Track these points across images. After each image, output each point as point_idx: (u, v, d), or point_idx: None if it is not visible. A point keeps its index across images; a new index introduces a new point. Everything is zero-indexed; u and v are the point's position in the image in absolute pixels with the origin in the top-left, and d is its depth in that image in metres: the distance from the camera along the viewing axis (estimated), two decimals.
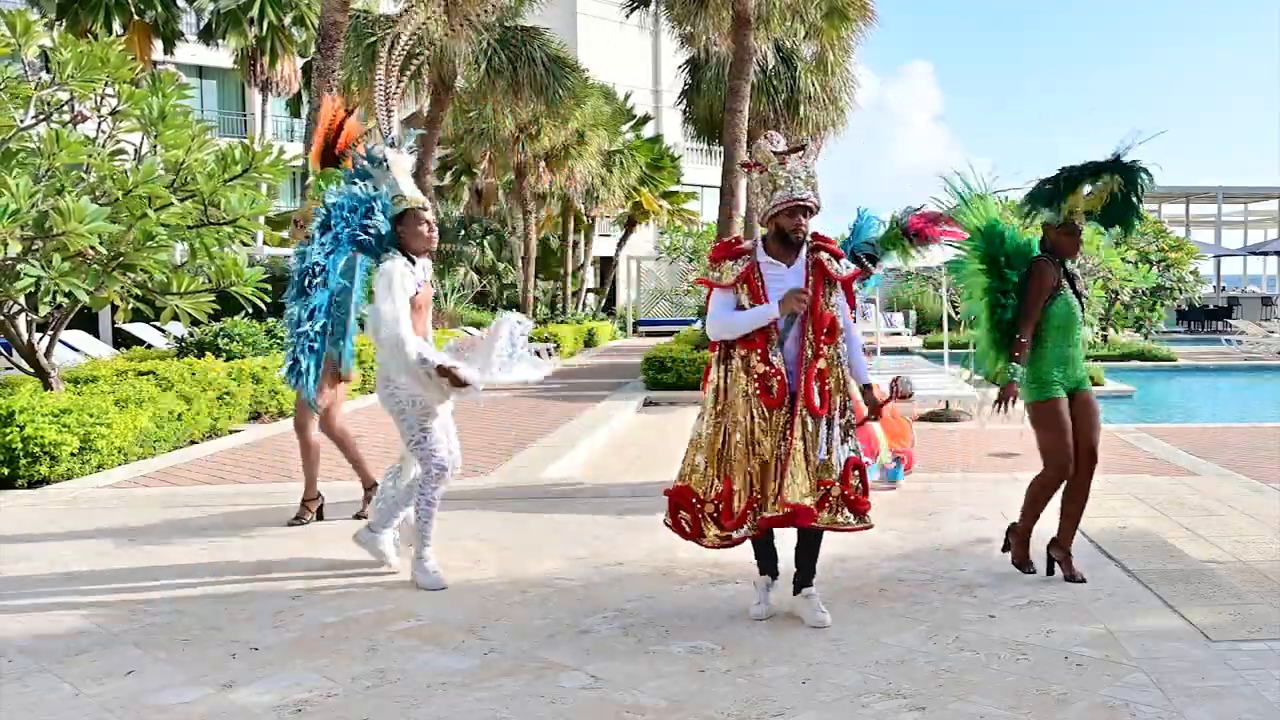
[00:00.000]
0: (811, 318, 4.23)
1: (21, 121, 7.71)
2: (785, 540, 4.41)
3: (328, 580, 4.94)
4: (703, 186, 38.40)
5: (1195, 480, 7.17)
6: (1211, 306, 31.24)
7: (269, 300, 8.57)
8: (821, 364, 4.21)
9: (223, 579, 4.97)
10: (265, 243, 15.47)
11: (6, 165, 7.31)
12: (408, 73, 5.14)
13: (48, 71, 7.88)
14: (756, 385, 4.18)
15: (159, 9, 25.73)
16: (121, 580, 4.96)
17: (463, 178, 30.56)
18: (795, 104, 21.92)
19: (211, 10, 27.42)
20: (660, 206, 34.47)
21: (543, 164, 25.37)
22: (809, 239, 4.32)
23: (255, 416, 10.71)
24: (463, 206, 32.27)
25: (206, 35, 27.90)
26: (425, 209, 4.89)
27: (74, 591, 4.79)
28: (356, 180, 4.93)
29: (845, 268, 4.38)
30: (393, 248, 4.81)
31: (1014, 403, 4.70)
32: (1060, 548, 4.84)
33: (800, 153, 4.31)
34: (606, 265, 39.45)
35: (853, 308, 4.58)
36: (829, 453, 4.17)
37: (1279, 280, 43.75)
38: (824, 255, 4.32)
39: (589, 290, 36.74)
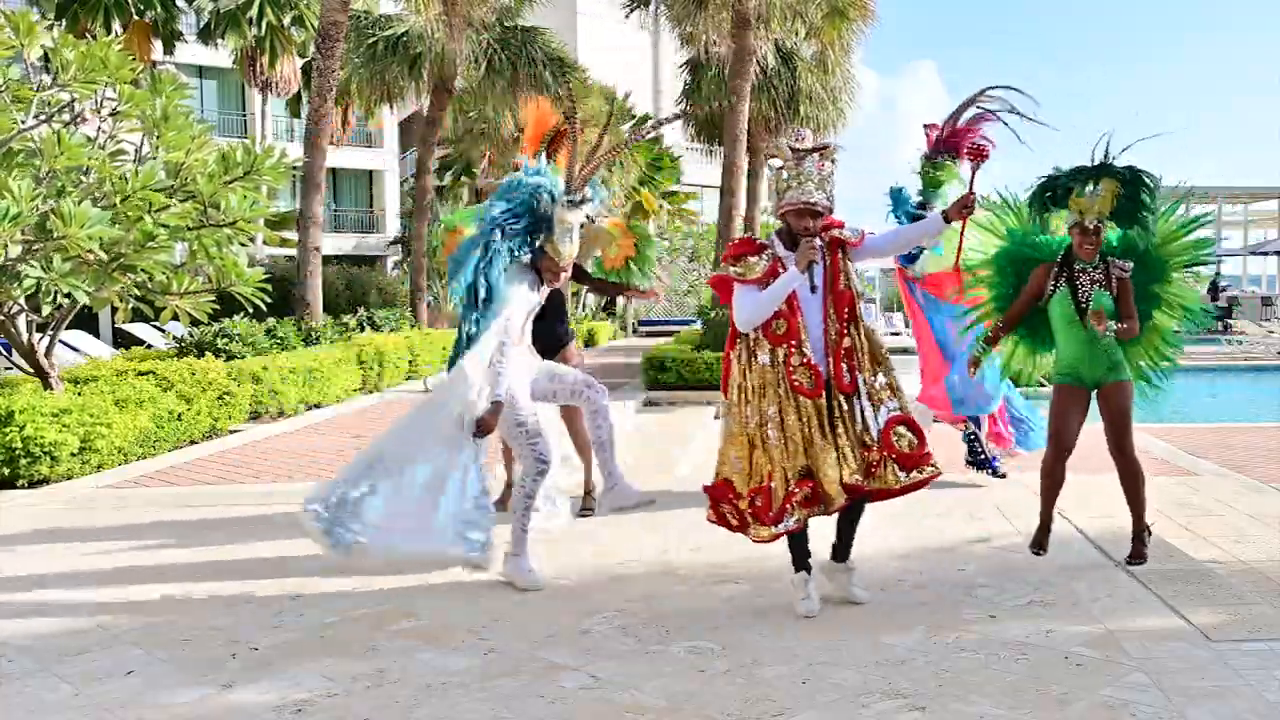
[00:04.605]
0: (832, 297, 4.31)
1: (23, 123, 7.71)
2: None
3: (328, 580, 4.93)
4: (703, 186, 38.39)
5: (1195, 480, 7.16)
6: (1212, 306, 31.20)
7: (269, 300, 8.57)
8: (847, 342, 4.29)
9: (223, 579, 4.97)
10: (265, 243, 15.49)
11: (7, 167, 7.31)
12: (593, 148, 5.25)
13: (48, 73, 7.88)
14: (792, 379, 4.23)
15: (158, 9, 25.67)
16: (121, 580, 4.96)
17: (463, 178, 30.54)
18: (795, 104, 21.93)
19: (211, 10, 27.38)
20: (660, 206, 34.45)
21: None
22: (820, 232, 4.35)
23: (255, 416, 10.71)
24: (463, 206, 32.27)
25: (206, 35, 27.84)
26: (563, 268, 4.95)
27: (74, 591, 4.79)
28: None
29: (853, 233, 4.45)
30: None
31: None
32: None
33: (820, 153, 4.32)
34: None
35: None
36: (864, 424, 4.26)
37: (1279, 280, 43.74)
38: (835, 233, 4.39)
39: (589, 291, 36.73)
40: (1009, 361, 5.50)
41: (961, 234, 4.77)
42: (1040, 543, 5.11)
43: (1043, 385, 5.56)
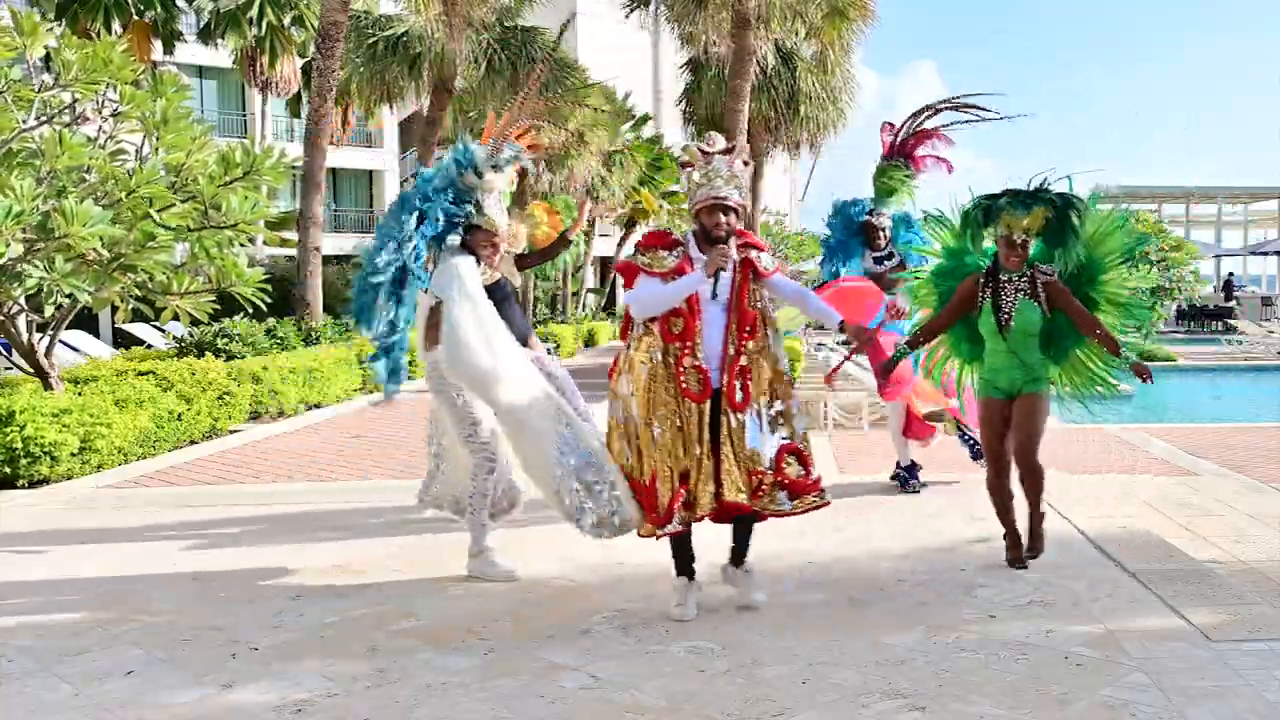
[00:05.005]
0: (736, 314, 4.29)
1: (24, 123, 7.72)
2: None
3: (328, 580, 4.94)
4: None
5: (1195, 480, 7.16)
6: (1212, 306, 31.17)
7: (269, 300, 8.57)
8: (744, 360, 4.27)
9: (223, 579, 4.97)
10: (265, 243, 15.50)
11: (8, 166, 7.32)
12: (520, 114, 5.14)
13: (49, 73, 7.88)
14: (680, 380, 4.21)
15: (159, 9, 25.68)
16: (121, 581, 4.96)
17: None
18: (795, 104, 21.95)
19: (211, 10, 27.40)
20: (660, 206, 34.42)
21: (542, 164, 25.33)
22: (735, 238, 4.31)
23: (255, 416, 10.71)
24: None
25: (206, 35, 27.86)
26: (498, 236, 4.95)
27: (74, 591, 4.79)
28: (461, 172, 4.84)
29: (770, 262, 4.43)
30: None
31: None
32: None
33: (729, 154, 4.33)
34: (606, 265, 39.41)
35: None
36: (755, 446, 4.24)
37: (1279, 280, 43.73)
38: (752, 253, 4.37)
39: (589, 290, 36.74)
40: (962, 375, 5.49)
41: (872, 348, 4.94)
42: (1017, 557, 5.05)
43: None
